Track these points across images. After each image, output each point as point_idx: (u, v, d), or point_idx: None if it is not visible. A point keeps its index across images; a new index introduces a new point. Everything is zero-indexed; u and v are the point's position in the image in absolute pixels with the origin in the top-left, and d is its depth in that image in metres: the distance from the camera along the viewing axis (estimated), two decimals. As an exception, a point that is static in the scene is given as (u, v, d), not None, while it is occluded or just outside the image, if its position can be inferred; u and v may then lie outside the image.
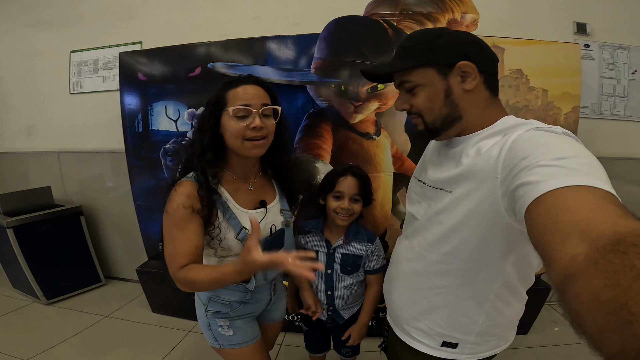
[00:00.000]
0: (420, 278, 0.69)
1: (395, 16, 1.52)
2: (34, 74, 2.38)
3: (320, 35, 1.54)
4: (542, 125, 0.53)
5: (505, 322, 0.68)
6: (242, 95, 0.75)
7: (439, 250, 0.64)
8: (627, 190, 1.88)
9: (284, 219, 0.89)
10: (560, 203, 0.36)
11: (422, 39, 0.61)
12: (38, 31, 2.34)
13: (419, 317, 0.70)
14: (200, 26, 2.05)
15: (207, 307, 0.88)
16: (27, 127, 2.45)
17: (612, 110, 1.83)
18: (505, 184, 0.48)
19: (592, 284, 0.25)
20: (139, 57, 1.80)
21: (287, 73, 1.58)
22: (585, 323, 0.25)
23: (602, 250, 0.26)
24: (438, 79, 0.59)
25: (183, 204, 0.72)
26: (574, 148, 0.44)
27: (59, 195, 2.33)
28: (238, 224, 0.79)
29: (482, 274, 0.61)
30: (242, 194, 0.83)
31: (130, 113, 1.81)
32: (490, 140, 0.57)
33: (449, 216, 0.61)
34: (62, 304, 2.08)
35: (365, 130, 1.52)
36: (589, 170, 0.39)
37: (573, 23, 1.81)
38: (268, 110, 0.78)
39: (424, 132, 0.65)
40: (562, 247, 0.31)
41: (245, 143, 0.76)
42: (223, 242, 0.79)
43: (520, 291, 0.66)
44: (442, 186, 0.63)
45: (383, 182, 1.51)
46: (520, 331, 1.72)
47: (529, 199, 0.39)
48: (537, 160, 0.42)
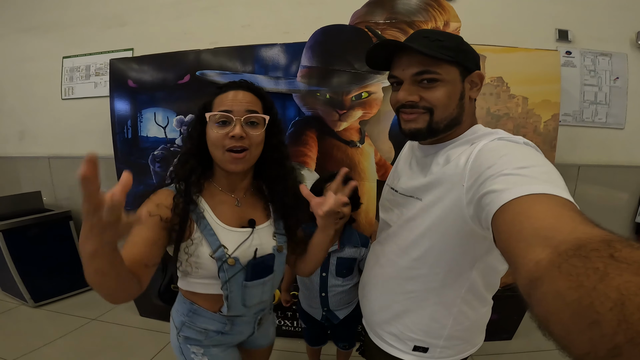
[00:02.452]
0: (391, 283, 0.71)
1: (380, 25, 1.55)
2: (27, 79, 2.40)
3: (307, 43, 1.57)
4: (506, 135, 0.56)
5: (472, 326, 0.69)
6: (226, 101, 0.70)
7: (409, 255, 0.66)
8: (610, 197, 1.91)
9: (277, 243, 0.79)
10: (524, 210, 0.37)
11: (450, 38, 0.61)
12: (31, 36, 2.36)
13: (391, 322, 0.72)
14: (192, 34, 2.08)
15: (180, 332, 0.79)
16: (19, 132, 2.46)
17: (594, 117, 1.85)
18: (471, 192, 0.50)
19: (556, 286, 0.26)
20: (129, 63, 1.82)
21: (275, 81, 1.61)
22: (552, 325, 0.26)
23: (565, 255, 0.27)
24: (459, 80, 0.60)
25: (150, 211, 0.65)
26: (535, 158, 0.47)
27: (49, 200, 2.34)
28: (215, 241, 0.70)
29: (449, 279, 0.64)
30: (225, 208, 0.75)
31: (119, 119, 1.82)
32: (459, 149, 0.60)
33: (419, 223, 0.63)
34: (49, 307, 2.09)
35: (350, 138, 1.54)
36: (548, 178, 0.41)
37: (555, 30, 1.85)
38: (256, 119, 0.70)
39: (422, 131, 0.62)
40: (526, 252, 0.32)
41: (225, 154, 0.69)
42: (192, 258, 0.70)
43: (485, 296, 0.69)
44: (413, 194, 0.65)
45: (367, 189, 1.53)
46: (505, 337, 1.73)
47: (494, 207, 0.41)
48: (501, 170, 0.45)
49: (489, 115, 1.50)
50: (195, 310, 0.77)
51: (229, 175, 0.75)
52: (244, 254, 0.73)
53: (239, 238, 0.73)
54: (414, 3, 1.54)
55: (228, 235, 0.72)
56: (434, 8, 1.53)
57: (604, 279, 0.22)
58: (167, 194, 0.70)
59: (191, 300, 0.77)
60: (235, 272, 0.72)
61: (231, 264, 0.71)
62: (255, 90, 0.74)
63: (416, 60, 0.59)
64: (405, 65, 0.61)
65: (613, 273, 0.22)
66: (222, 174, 0.75)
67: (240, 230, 0.74)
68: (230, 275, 0.71)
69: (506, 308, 1.33)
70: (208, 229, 0.71)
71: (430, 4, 1.53)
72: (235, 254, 0.71)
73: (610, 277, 0.22)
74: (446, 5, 1.54)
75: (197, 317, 0.77)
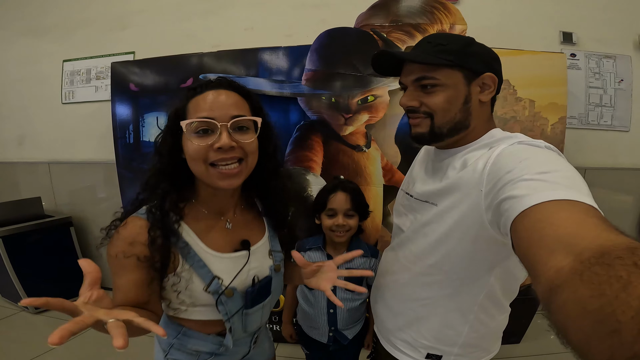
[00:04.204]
0: (405, 289, 0.70)
1: (386, 27, 1.54)
2: (27, 82, 2.37)
3: (311, 46, 1.56)
4: (526, 139, 0.54)
5: (488, 333, 0.68)
6: (203, 105, 0.56)
7: (424, 262, 0.64)
8: (616, 200, 1.90)
9: (273, 262, 0.71)
10: (545, 217, 0.36)
11: (455, 41, 0.60)
12: (31, 39, 2.34)
13: (404, 329, 0.71)
14: (194, 37, 2.06)
15: (168, 355, 0.70)
16: (18, 137, 2.43)
17: (599, 120, 1.85)
18: (490, 197, 0.49)
19: (578, 294, 0.25)
20: (131, 67, 1.80)
21: (279, 85, 1.59)
22: (571, 333, 0.25)
23: (587, 262, 0.26)
24: (462, 83, 0.59)
25: (124, 252, 0.55)
26: (557, 162, 0.46)
27: (49, 205, 2.31)
28: (208, 273, 0.61)
29: (467, 286, 0.62)
30: (215, 234, 0.65)
31: (121, 124, 1.80)
32: (477, 153, 0.58)
33: (434, 228, 0.61)
34: (50, 313, 2.06)
35: (356, 142, 1.52)
36: (572, 184, 0.40)
37: (559, 32, 1.84)
38: (245, 123, 0.58)
39: (425, 135, 0.62)
40: (547, 260, 0.32)
41: (210, 170, 0.57)
42: (183, 295, 0.62)
43: (503, 303, 0.67)
44: (428, 199, 0.64)
45: (373, 194, 1.52)
46: (512, 340, 1.72)
47: (514, 213, 0.40)
48: (521, 175, 0.43)
49: (496, 119, 1.49)
50: (185, 332, 0.67)
51: (216, 194, 0.64)
52: (241, 281, 0.65)
53: (235, 265, 0.64)
54: (418, 5, 1.53)
55: (222, 263, 0.63)
56: (439, 10, 1.52)
57: (627, 287, 0.22)
58: (139, 227, 0.58)
59: (179, 323, 0.68)
60: (236, 302, 0.64)
61: (229, 295, 0.62)
62: (238, 89, 0.61)
63: (415, 67, 0.60)
64: (407, 72, 0.62)
65: (637, 281, 0.22)
66: (207, 193, 0.64)
67: (234, 255, 0.65)
68: (232, 308, 0.63)
69: (514, 311, 1.31)
70: (197, 260, 0.61)
71: (435, 6, 1.52)
72: (233, 284, 0.63)
73: (633, 285, 0.22)
74: (452, 8, 1.53)
75: (188, 339, 0.68)
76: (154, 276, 0.57)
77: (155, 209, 0.59)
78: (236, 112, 0.57)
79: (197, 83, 0.61)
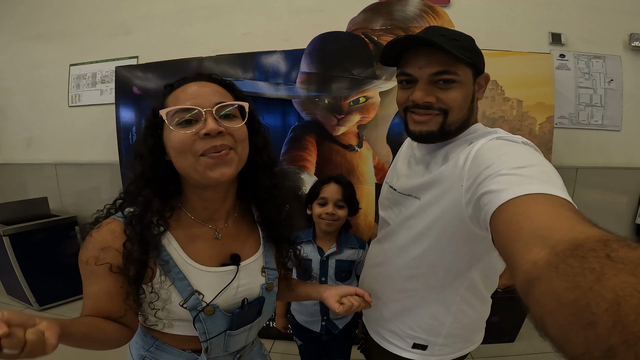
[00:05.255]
0: (390, 281, 0.72)
1: (377, 31, 1.59)
2: (35, 86, 2.44)
3: (305, 50, 1.61)
4: (504, 135, 0.56)
5: (471, 324, 0.70)
6: (184, 96, 0.52)
7: (407, 254, 0.66)
8: (609, 198, 1.91)
9: (266, 280, 0.64)
10: (521, 210, 0.37)
11: (465, 38, 0.60)
12: (39, 44, 2.41)
13: (392, 319, 0.73)
14: (194, 42, 2.13)
15: None
16: (26, 139, 2.51)
17: (590, 119, 1.87)
18: (470, 192, 0.50)
19: (553, 286, 0.26)
20: (134, 71, 1.87)
21: (275, 87, 1.65)
22: (548, 325, 0.25)
23: (562, 255, 0.27)
24: (471, 81, 0.59)
25: (96, 258, 0.52)
26: (533, 157, 0.47)
27: (56, 205, 2.38)
28: (187, 287, 0.55)
29: (449, 279, 0.64)
30: (201, 244, 0.59)
31: (125, 126, 1.87)
32: (458, 148, 0.59)
33: (417, 222, 0.63)
34: (54, 310, 2.11)
35: (348, 142, 1.57)
36: (547, 178, 0.41)
37: (548, 33, 1.87)
38: (231, 111, 0.53)
39: (435, 134, 0.60)
40: (524, 252, 0.32)
41: (199, 160, 0.51)
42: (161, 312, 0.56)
43: (484, 294, 0.69)
44: (411, 192, 0.66)
45: (366, 192, 1.56)
46: (507, 339, 1.73)
47: (492, 207, 0.41)
48: (499, 170, 0.45)
49: (485, 119, 1.53)
50: (159, 345, 0.62)
51: (206, 197, 0.58)
52: (226, 299, 0.59)
53: (221, 281, 0.58)
54: (409, 9, 1.58)
55: (205, 277, 0.57)
56: (428, 14, 1.57)
57: (600, 279, 0.22)
58: (115, 233, 0.53)
59: (153, 336, 0.62)
60: (216, 322, 0.57)
61: (209, 313, 0.56)
62: (220, 81, 0.57)
63: (436, 59, 0.56)
64: (423, 64, 0.57)
65: (609, 273, 0.22)
66: (195, 197, 0.58)
67: (220, 270, 0.59)
68: (212, 329, 0.57)
69: (508, 310, 1.34)
70: (176, 271, 0.55)
71: (425, 10, 1.58)
72: (215, 301, 0.57)
73: (606, 277, 0.22)
74: (440, 11, 1.58)
75: (162, 354, 0.61)
76: (129, 291, 0.53)
77: (136, 221, 0.53)
78: (220, 99, 0.53)
79: (174, 80, 0.57)
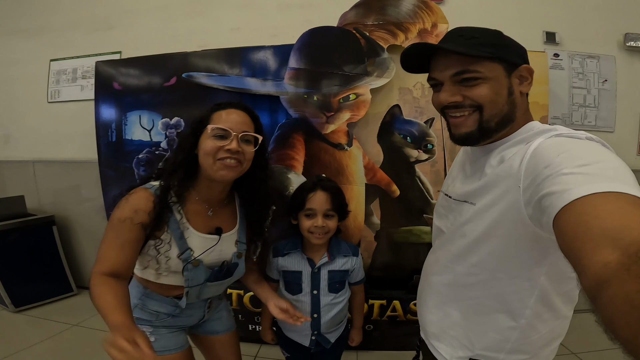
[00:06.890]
0: (448, 291, 0.68)
1: (368, 26, 1.54)
2: (13, 82, 2.36)
3: (294, 46, 1.55)
4: (564, 132, 0.52)
5: (539, 340, 0.63)
6: (225, 118, 0.77)
7: (466, 261, 0.63)
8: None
9: (237, 250, 0.88)
10: (590, 210, 0.35)
11: (488, 34, 0.59)
12: (18, 39, 2.33)
13: (448, 331, 0.68)
14: (181, 37, 2.06)
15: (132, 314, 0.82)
16: (4, 136, 2.41)
17: (584, 120, 1.85)
18: (528, 193, 0.48)
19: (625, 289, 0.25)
20: (115, 66, 1.79)
21: (262, 83, 1.59)
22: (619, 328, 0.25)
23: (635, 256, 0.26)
24: (503, 76, 0.58)
25: (131, 219, 0.71)
26: (599, 153, 0.44)
27: (33, 204, 2.29)
28: (184, 244, 0.79)
29: (513, 285, 0.59)
30: (199, 217, 0.83)
31: (104, 122, 1.79)
32: (513, 148, 0.57)
33: (473, 227, 0.60)
34: (30, 312, 2.05)
35: (337, 140, 1.52)
36: (616, 175, 0.38)
37: (542, 32, 1.84)
38: (249, 137, 0.79)
39: (474, 133, 0.59)
40: (593, 254, 0.31)
41: (217, 163, 0.75)
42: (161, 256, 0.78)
43: (558, 306, 0.61)
44: (466, 199, 0.63)
45: (355, 193, 1.51)
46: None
47: (555, 210, 0.39)
48: (560, 169, 0.42)
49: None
50: (148, 294, 0.84)
51: (211, 187, 0.82)
52: (208, 257, 0.82)
53: (206, 244, 0.82)
54: (401, 5, 1.53)
55: (197, 240, 0.81)
56: (421, 9, 1.53)
57: None
58: (146, 198, 0.74)
59: (145, 285, 0.84)
60: (198, 273, 0.80)
61: (195, 265, 0.79)
62: (250, 112, 0.83)
63: (454, 61, 0.57)
64: (442, 67, 0.59)
65: None
66: (205, 184, 0.82)
67: (208, 236, 0.83)
68: (194, 278, 0.80)
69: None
70: (179, 232, 0.78)
71: (418, 5, 1.53)
72: (200, 256, 0.80)
73: None
74: (434, 7, 1.54)
75: (150, 301, 0.84)
76: (141, 237, 0.73)
77: (163, 190, 0.76)
78: (245, 129, 0.79)
79: (222, 101, 0.83)
